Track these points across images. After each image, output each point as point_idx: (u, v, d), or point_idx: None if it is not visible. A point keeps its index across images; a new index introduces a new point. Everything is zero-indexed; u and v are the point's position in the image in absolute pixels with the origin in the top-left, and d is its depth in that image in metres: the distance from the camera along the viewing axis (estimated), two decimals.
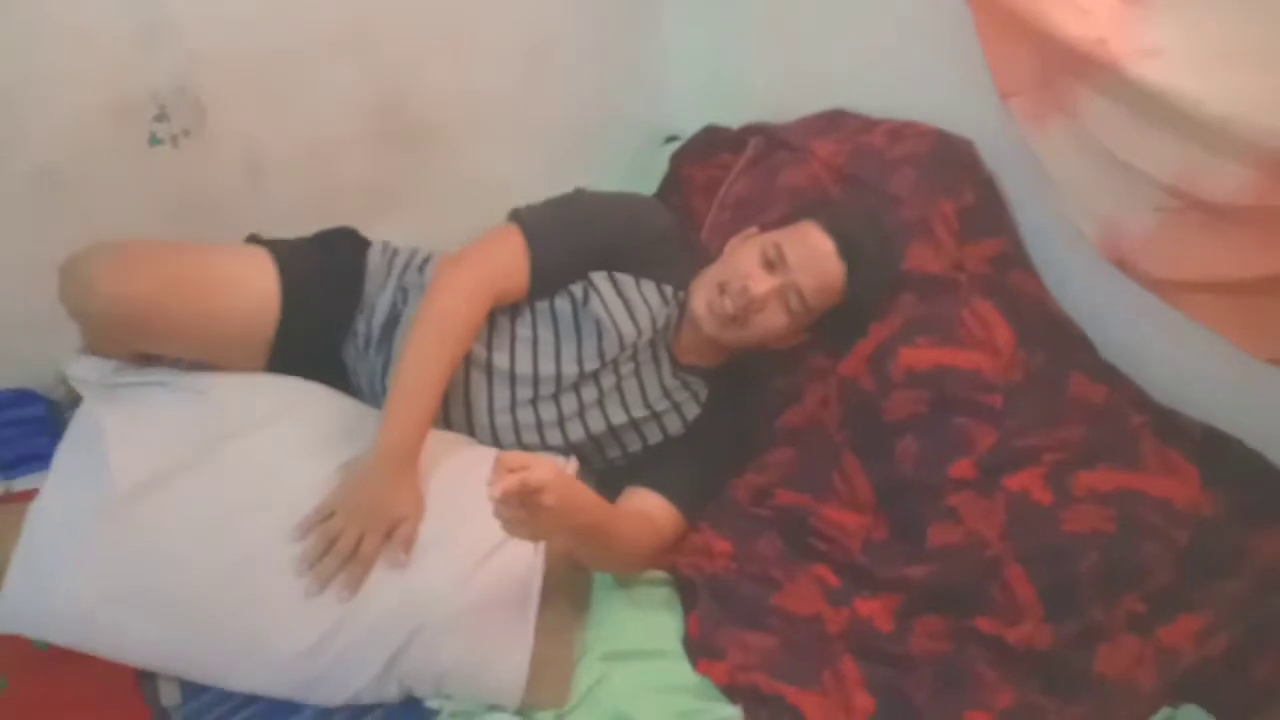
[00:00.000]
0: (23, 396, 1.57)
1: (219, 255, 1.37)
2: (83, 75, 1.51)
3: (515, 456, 1.08)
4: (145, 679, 1.22)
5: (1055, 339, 1.47)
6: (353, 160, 1.85)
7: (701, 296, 1.40)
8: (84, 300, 1.25)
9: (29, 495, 1.28)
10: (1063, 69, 1.37)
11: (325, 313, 1.42)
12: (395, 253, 1.50)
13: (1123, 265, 1.38)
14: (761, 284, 1.37)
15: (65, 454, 1.25)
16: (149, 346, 1.29)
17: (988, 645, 1.25)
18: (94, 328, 1.28)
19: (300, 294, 1.37)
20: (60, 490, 1.22)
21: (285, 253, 1.41)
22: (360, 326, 1.43)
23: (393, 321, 1.42)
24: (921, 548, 1.34)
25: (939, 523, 1.33)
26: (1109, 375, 1.44)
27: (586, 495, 1.19)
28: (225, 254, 1.39)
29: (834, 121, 1.76)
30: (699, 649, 1.26)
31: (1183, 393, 1.40)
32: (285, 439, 1.29)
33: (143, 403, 1.28)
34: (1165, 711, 1.19)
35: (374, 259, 1.48)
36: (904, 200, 1.55)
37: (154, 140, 1.61)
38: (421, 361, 1.30)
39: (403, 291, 1.44)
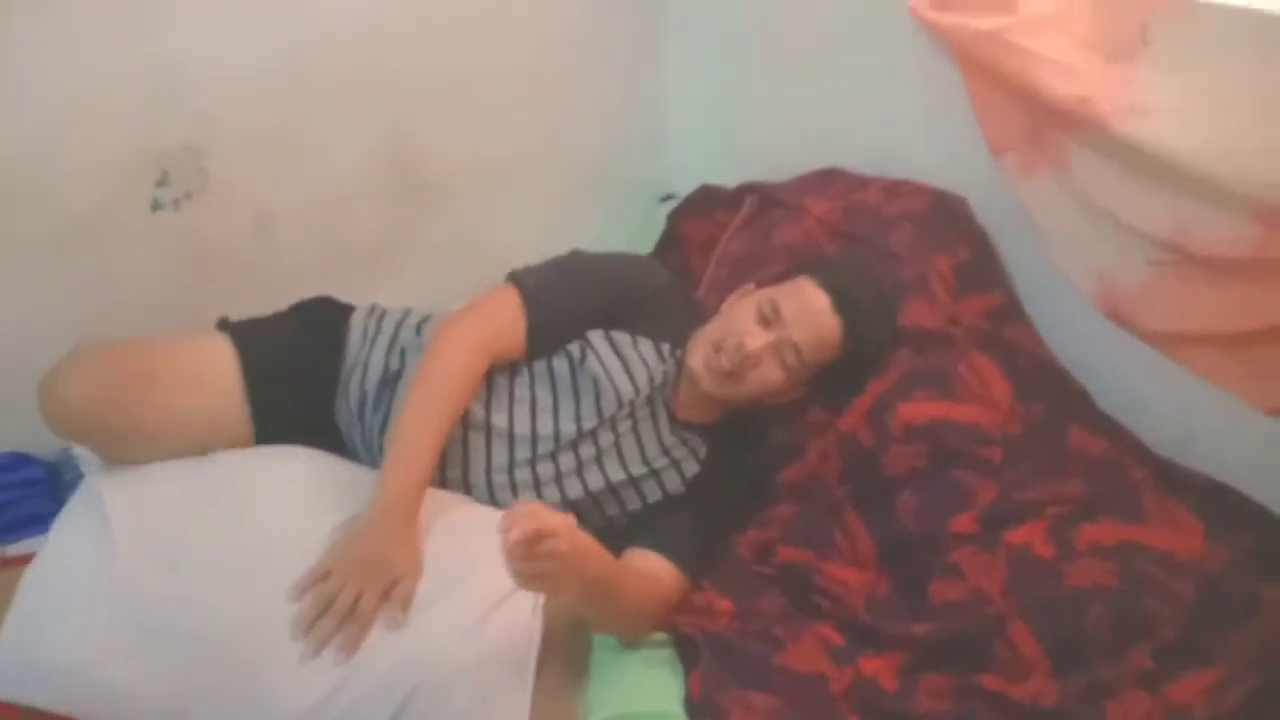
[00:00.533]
0: (21, 460, 1.57)
1: (176, 355, 1.37)
2: (87, 139, 1.53)
3: (526, 506, 1.08)
4: None
5: (1053, 391, 1.47)
6: (356, 216, 1.87)
7: (698, 353, 1.41)
8: (54, 415, 1.28)
9: (25, 560, 1.27)
10: (1051, 125, 1.39)
11: (302, 385, 1.42)
12: (384, 314, 1.51)
13: (1117, 318, 1.39)
14: (757, 340, 1.38)
15: (63, 520, 1.26)
16: (130, 454, 1.30)
17: (993, 703, 1.22)
18: (74, 439, 1.30)
19: (267, 375, 1.38)
20: (56, 554, 1.22)
21: (249, 335, 1.42)
22: (353, 389, 1.43)
23: (388, 381, 1.42)
24: (924, 604, 1.32)
25: (941, 579, 1.32)
26: (1108, 427, 1.44)
27: (596, 545, 1.18)
28: (183, 351, 1.38)
29: (828, 179, 1.78)
30: (701, 710, 1.24)
31: (1182, 444, 1.39)
32: (282, 499, 1.29)
33: (142, 471, 1.29)
34: None
35: (357, 321, 1.49)
36: (901, 256, 1.57)
37: (156, 206, 1.62)
38: (419, 420, 1.30)
39: (399, 352, 1.44)
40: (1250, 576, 1.25)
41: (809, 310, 1.39)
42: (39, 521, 1.46)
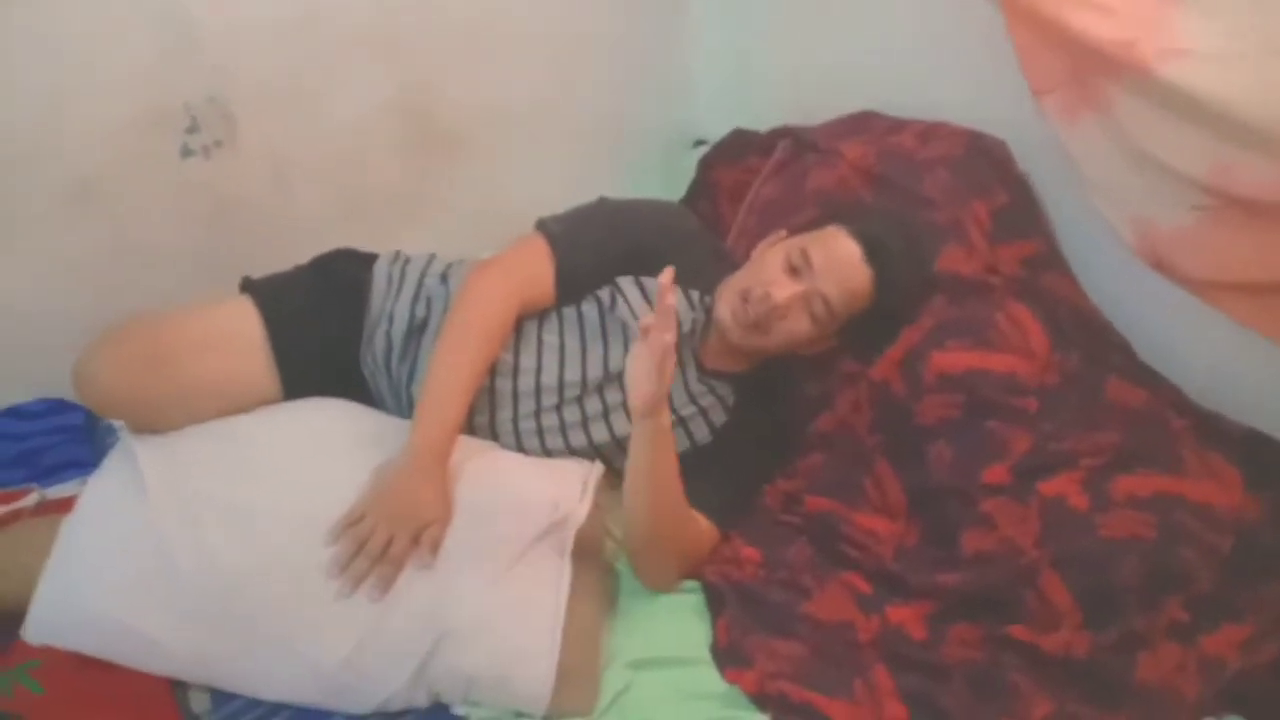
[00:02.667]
0: (60, 405, 1.59)
1: (200, 325, 1.39)
2: (115, 88, 1.54)
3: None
4: (177, 684, 1.23)
5: (1091, 341, 1.45)
6: (382, 168, 1.86)
7: (725, 302, 1.39)
8: (87, 395, 1.33)
9: (65, 504, 1.30)
10: (1093, 68, 1.35)
11: (327, 339, 1.43)
12: (408, 260, 1.51)
13: (1159, 265, 1.35)
14: (784, 291, 1.35)
15: (99, 476, 1.29)
16: (164, 425, 1.32)
17: (1023, 653, 1.22)
18: (113, 416, 1.34)
19: (291, 333, 1.40)
20: (92, 508, 1.24)
21: (272, 293, 1.43)
22: (379, 339, 1.44)
23: (414, 331, 1.43)
24: (954, 554, 1.32)
25: (972, 529, 1.31)
26: (1147, 378, 1.41)
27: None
28: (206, 316, 1.40)
29: (862, 123, 1.74)
30: (727, 657, 1.25)
31: (1223, 395, 1.36)
32: (314, 448, 1.31)
33: (177, 431, 1.32)
34: None
35: (380, 270, 1.49)
36: (936, 202, 1.53)
37: (186, 152, 1.63)
38: (451, 367, 1.31)
39: (425, 301, 1.44)
40: None
41: (840, 261, 1.36)
42: (77, 466, 1.49)
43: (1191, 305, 1.34)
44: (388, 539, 1.19)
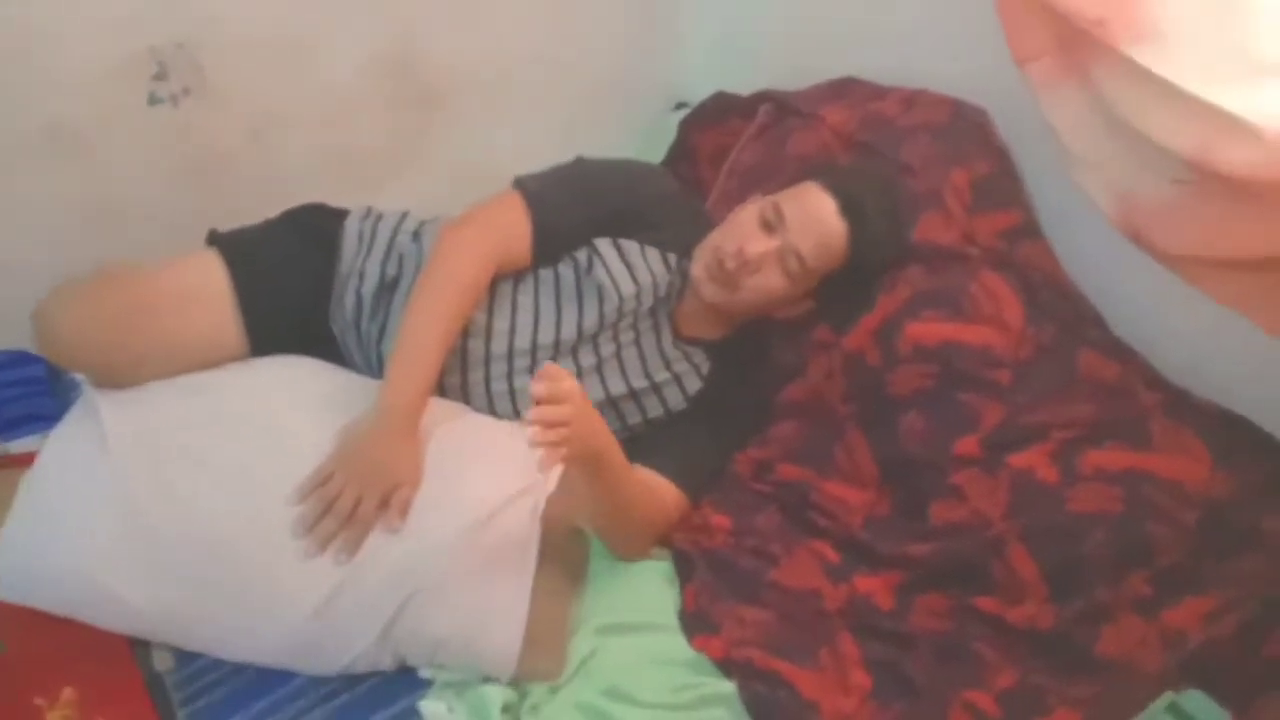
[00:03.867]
0: (21, 357, 1.56)
1: (166, 276, 1.35)
2: (81, 34, 1.49)
3: (550, 368, 1.14)
4: (138, 644, 1.22)
5: (1066, 314, 1.44)
6: (358, 123, 1.83)
7: (700, 261, 1.38)
8: (49, 348, 1.30)
9: (26, 459, 1.28)
10: (1075, 40, 1.34)
11: (295, 295, 1.40)
12: (380, 218, 1.48)
13: (1138, 239, 1.35)
14: (757, 245, 1.34)
15: (61, 430, 1.26)
16: (128, 381, 1.29)
17: (989, 624, 1.24)
18: (75, 370, 1.31)
19: (259, 288, 1.36)
20: (53, 463, 1.22)
21: (240, 247, 1.40)
22: (349, 297, 1.42)
23: (385, 288, 1.40)
24: (923, 525, 1.32)
25: (942, 500, 1.32)
26: (1121, 352, 1.41)
27: (604, 425, 1.22)
28: (172, 272, 1.36)
29: (845, 89, 1.73)
30: (694, 623, 1.26)
31: (1196, 371, 1.37)
32: (281, 404, 1.29)
33: (142, 386, 1.29)
34: (1168, 696, 1.17)
35: (351, 227, 1.46)
36: (915, 169, 1.52)
37: (153, 100, 1.59)
38: (424, 326, 1.29)
39: (397, 259, 1.42)
40: (1254, 506, 1.24)
41: (814, 214, 1.35)
42: (39, 420, 1.47)
43: (1169, 281, 1.34)
44: (356, 500, 1.18)
